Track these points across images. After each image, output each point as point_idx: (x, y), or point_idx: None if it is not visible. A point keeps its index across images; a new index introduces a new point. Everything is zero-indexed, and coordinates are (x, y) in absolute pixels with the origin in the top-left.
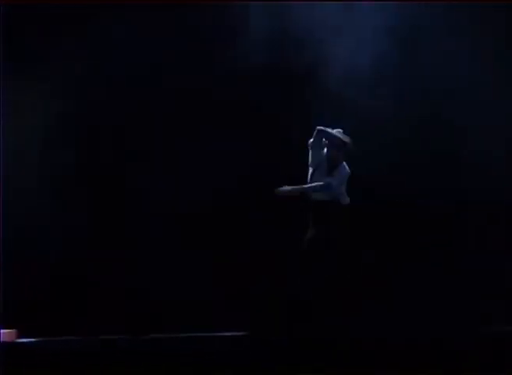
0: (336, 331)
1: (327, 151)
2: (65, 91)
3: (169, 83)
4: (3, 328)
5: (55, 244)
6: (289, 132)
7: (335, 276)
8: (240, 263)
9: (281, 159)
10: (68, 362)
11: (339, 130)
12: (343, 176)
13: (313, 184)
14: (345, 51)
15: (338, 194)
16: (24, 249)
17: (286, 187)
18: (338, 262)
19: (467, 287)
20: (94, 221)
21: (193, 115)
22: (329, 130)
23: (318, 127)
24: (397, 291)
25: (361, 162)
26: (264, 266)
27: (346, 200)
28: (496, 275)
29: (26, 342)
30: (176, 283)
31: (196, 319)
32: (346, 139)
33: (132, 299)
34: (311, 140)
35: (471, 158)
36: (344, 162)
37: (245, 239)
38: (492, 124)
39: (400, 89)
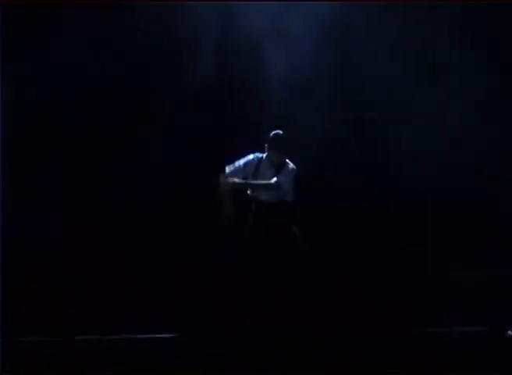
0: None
1: (267, 152)
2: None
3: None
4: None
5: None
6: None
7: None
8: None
9: None
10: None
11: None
12: (290, 173)
13: (262, 181)
14: (280, 53)
15: (285, 193)
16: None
17: (231, 179)
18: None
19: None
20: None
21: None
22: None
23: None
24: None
25: (300, 164)
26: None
27: (294, 198)
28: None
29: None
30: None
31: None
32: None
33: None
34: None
35: (405, 159)
36: (288, 160)
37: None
38: (428, 124)
39: (335, 89)
